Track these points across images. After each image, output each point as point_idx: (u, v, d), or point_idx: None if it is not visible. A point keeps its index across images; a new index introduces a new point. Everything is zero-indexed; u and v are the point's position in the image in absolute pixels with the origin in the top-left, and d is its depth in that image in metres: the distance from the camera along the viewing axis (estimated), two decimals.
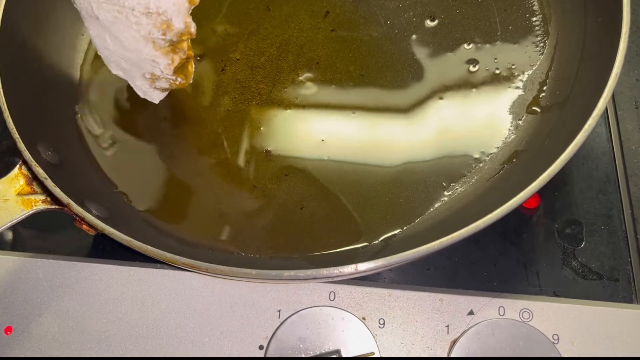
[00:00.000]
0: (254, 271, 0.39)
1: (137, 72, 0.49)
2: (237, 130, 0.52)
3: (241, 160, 0.51)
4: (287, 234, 0.47)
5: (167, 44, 0.47)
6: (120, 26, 0.46)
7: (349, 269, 0.39)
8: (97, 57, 0.57)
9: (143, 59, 0.47)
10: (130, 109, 0.54)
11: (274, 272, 0.38)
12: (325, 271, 0.38)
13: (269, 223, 0.48)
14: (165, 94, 0.51)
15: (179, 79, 0.49)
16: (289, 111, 0.52)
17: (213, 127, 0.52)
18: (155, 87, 0.50)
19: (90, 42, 0.58)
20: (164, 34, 0.46)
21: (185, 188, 0.50)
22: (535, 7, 0.55)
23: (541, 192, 0.49)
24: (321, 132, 0.51)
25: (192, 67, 0.51)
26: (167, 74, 0.49)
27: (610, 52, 0.44)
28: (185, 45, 0.48)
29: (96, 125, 0.53)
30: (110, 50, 0.49)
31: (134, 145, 0.52)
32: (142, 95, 0.51)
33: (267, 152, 0.51)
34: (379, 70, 0.53)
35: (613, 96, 0.54)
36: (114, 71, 0.51)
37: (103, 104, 0.54)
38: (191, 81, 0.51)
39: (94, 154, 0.51)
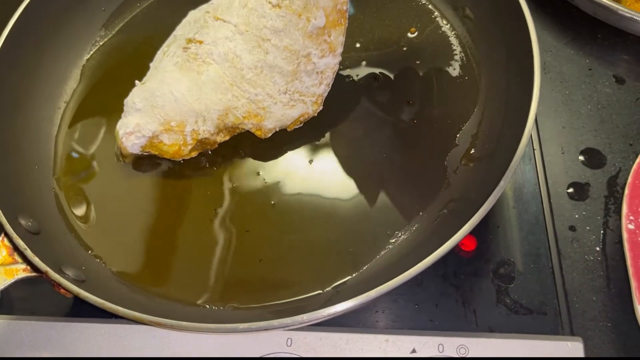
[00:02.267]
0: (212, 325, 0.44)
1: (165, 115, 0.54)
2: (202, 191, 0.57)
3: (205, 220, 0.55)
4: (248, 287, 0.52)
5: (236, 126, 0.56)
6: (214, 87, 0.54)
7: (299, 319, 0.44)
8: (71, 126, 0.62)
9: (199, 112, 0.54)
10: (104, 174, 0.59)
11: (230, 326, 0.43)
12: (276, 322, 0.43)
13: (231, 277, 0.52)
14: (137, 151, 0.56)
15: (186, 148, 0.56)
16: (249, 172, 0.57)
17: (181, 190, 0.57)
18: (149, 139, 0.55)
19: (65, 111, 0.63)
20: (245, 119, 0.55)
21: (154, 248, 0.54)
22: (467, 67, 0.61)
23: (477, 236, 0.55)
24: (274, 195, 0.56)
25: (195, 153, 0.58)
26: (191, 135, 0.55)
27: (525, 112, 0.50)
28: (227, 134, 0.57)
29: (72, 192, 0.58)
30: (169, 92, 0.54)
31: (108, 209, 0.57)
32: (121, 130, 0.55)
33: (232, 208, 0.56)
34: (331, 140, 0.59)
35: (540, 142, 0.60)
36: (136, 99, 0.55)
37: (78, 171, 0.59)
38: (178, 160, 0.57)
39: (70, 220, 0.56)
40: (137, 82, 0.57)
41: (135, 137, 0.55)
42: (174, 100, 0.54)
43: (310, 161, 0.58)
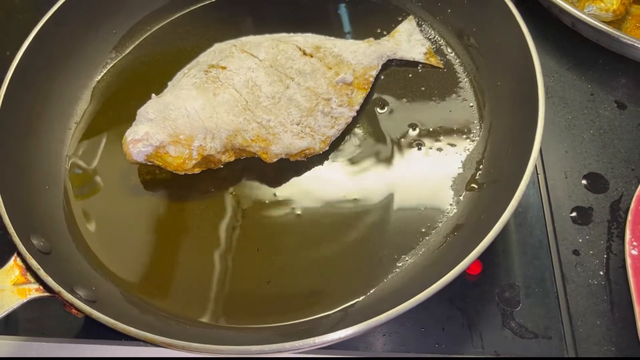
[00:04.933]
0: (225, 347, 0.44)
1: (175, 128, 0.55)
2: (212, 212, 0.58)
3: (215, 240, 0.56)
4: (257, 307, 0.52)
5: (244, 148, 0.57)
6: (228, 108, 0.56)
7: (310, 342, 0.44)
8: (82, 146, 0.63)
9: (209, 129, 0.56)
10: (114, 194, 0.60)
11: (243, 348, 0.44)
12: (288, 345, 0.44)
13: (240, 297, 0.53)
14: (142, 159, 0.56)
15: (188, 162, 0.56)
16: (257, 196, 0.58)
17: (190, 211, 0.58)
18: (155, 149, 0.55)
19: (75, 131, 0.64)
20: (254, 142, 0.57)
21: (164, 268, 0.55)
22: (472, 94, 0.62)
23: (483, 259, 0.55)
24: (281, 219, 0.57)
25: (198, 169, 0.59)
26: (197, 151, 0.56)
27: (530, 139, 0.51)
28: (233, 155, 0.58)
29: (82, 211, 0.59)
30: (184, 107, 0.56)
31: (117, 229, 0.58)
32: (130, 137, 0.55)
33: (241, 230, 0.56)
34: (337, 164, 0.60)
35: (544, 167, 0.61)
36: (149, 109, 0.56)
37: (88, 190, 0.60)
38: (180, 173, 0.58)
39: (80, 239, 0.57)
40: (153, 95, 0.58)
41: (143, 145, 0.55)
42: (186, 115, 0.56)
43: (316, 186, 0.58)
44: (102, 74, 0.69)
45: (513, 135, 0.56)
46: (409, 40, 0.67)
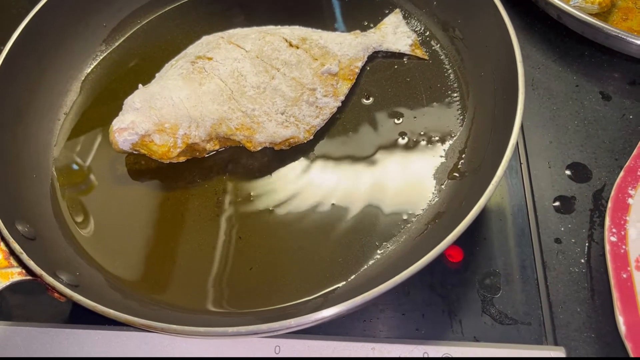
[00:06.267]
0: (202, 329, 0.44)
1: (161, 117, 0.56)
2: (197, 201, 0.58)
3: (197, 228, 0.57)
4: (238, 293, 0.53)
5: (228, 136, 0.58)
6: (213, 98, 0.57)
7: (287, 324, 0.45)
8: (70, 137, 0.64)
9: (194, 118, 0.56)
10: (100, 184, 0.60)
11: (219, 330, 0.44)
12: (264, 327, 0.44)
13: (222, 284, 0.53)
14: (127, 147, 0.57)
15: (167, 150, 0.57)
16: (241, 186, 0.59)
17: (175, 200, 0.59)
18: (140, 137, 0.56)
19: (64, 122, 0.65)
20: (238, 131, 0.58)
21: (146, 255, 0.55)
22: (456, 85, 0.63)
23: (464, 247, 0.56)
24: (266, 207, 0.57)
25: (183, 158, 0.59)
26: (182, 139, 0.56)
27: (511, 127, 0.51)
28: (218, 143, 0.59)
29: (68, 201, 0.59)
30: (169, 96, 0.56)
31: (103, 218, 0.58)
32: (116, 126, 0.56)
33: (225, 218, 0.57)
34: (321, 154, 0.61)
35: (527, 157, 0.62)
36: (136, 99, 0.57)
37: (75, 180, 0.61)
38: (165, 161, 0.58)
39: (66, 227, 0.57)
40: (140, 85, 0.59)
41: (128, 133, 0.56)
42: (172, 104, 0.56)
43: (301, 174, 0.59)
44: (92, 66, 0.70)
45: (495, 125, 0.56)
46: (395, 33, 0.67)
